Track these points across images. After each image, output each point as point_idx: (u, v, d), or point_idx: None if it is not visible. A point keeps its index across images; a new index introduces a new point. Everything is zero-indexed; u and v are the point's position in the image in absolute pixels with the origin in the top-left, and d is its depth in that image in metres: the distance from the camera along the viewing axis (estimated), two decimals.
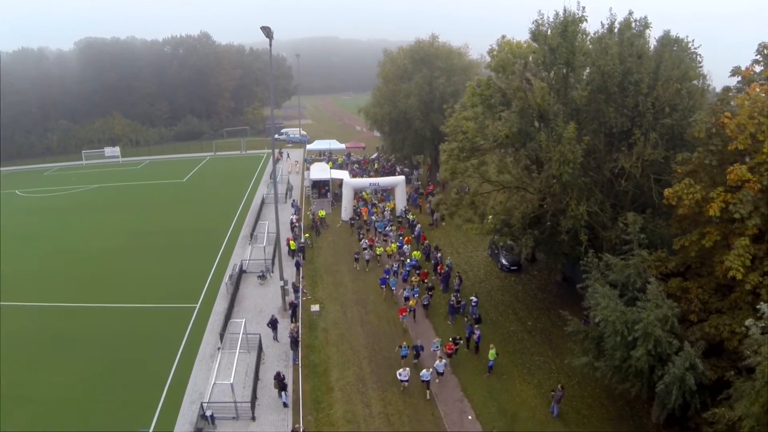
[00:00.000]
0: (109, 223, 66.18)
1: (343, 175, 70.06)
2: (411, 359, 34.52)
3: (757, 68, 27.05)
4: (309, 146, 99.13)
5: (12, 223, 67.91)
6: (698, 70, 33.06)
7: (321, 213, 61.92)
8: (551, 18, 33.45)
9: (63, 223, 67.59)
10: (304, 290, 45.12)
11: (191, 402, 31.16)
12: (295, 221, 60.28)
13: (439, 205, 46.28)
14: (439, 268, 46.61)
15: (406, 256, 49.36)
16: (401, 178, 65.99)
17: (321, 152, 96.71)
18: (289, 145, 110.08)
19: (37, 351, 37.59)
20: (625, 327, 23.94)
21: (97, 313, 42.90)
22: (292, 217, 61.46)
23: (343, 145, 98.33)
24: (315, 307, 42.05)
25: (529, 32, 34.69)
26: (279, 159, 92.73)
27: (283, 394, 30.80)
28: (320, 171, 72.93)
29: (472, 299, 40.21)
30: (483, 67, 54.39)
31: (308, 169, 79.02)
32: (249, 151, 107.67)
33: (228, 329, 36.98)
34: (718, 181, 24.46)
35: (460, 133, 38.96)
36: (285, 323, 38.46)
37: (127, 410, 31.05)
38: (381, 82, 78.24)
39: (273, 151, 43.23)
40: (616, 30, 32.97)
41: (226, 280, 45.83)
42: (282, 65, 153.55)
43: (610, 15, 32.90)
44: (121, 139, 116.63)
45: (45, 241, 60.56)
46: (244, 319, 36.64)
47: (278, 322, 37.77)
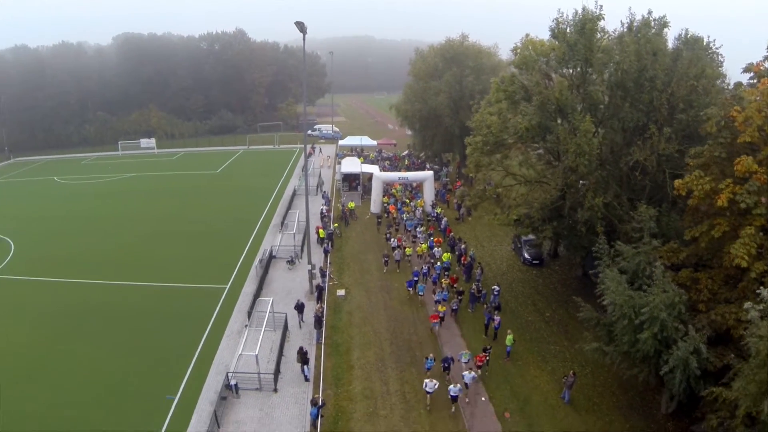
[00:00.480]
0: (145, 209, 69.33)
1: (373, 169, 71.69)
2: (436, 371, 32.63)
3: (766, 64, 27.80)
4: (341, 142, 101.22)
5: (49, 207, 72.21)
6: (718, 69, 33.86)
7: (351, 204, 63.71)
8: (570, 16, 34.64)
9: (100, 209, 70.73)
10: (331, 275, 46.83)
11: (217, 373, 32.97)
12: (325, 212, 62.09)
13: (464, 197, 47.55)
14: (462, 259, 47.82)
15: (437, 259, 47.87)
16: (429, 173, 67.33)
17: (353, 148, 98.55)
18: (322, 141, 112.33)
19: (78, 322, 40.04)
20: (633, 311, 24.98)
21: (132, 290, 45.29)
22: (322, 207, 63.31)
23: (374, 142, 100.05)
24: (341, 292, 43.69)
25: (549, 30, 35.92)
26: (311, 154, 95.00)
27: (305, 368, 32.50)
28: (351, 165, 74.84)
29: (494, 288, 41.47)
30: (508, 65, 55.48)
31: (339, 164, 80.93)
32: (282, 146, 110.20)
33: (256, 307, 38.79)
34: (727, 173, 25.25)
35: (485, 128, 40.24)
36: (311, 307, 39.99)
37: (157, 378, 33.13)
38: (412, 80, 79.83)
39: (305, 144, 45.19)
40: (635, 29, 33.92)
41: (256, 264, 47.82)
42: (316, 63, 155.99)
43: (630, 14, 33.91)
44: (157, 132, 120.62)
45: (83, 224, 63.85)
46: (272, 298, 38.54)
47: (304, 306, 39.24)
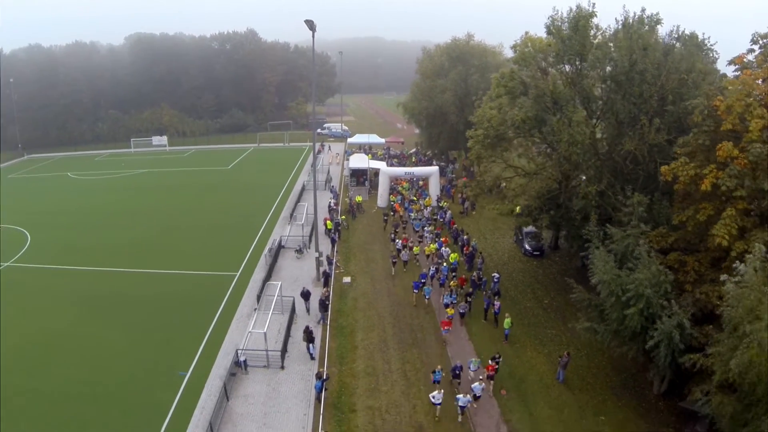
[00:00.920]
0: (158, 203, 71.41)
1: (380, 165, 73.29)
2: (446, 382, 31.48)
3: (750, 56, 29.12)
4: (350, 140, 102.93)
5: (64, 201, 74.66)
6: (711, 65, 35.23)
7: (358, 198, 65.41)
8: (565, 14, 36.24)
9: (113, 203, 72.69)
10: (338, 263, 48.49)
11: (227, 353, 34.61)
12: (332, 205, 63.71)
13: (465, 188, 49.07)
14: (465, 249, 49.31)
15: (444, 260, 46.93)
16: (435, 168, 68.96)
17: (361, 146, 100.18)
18: (331, 139, 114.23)
19: (95, 306, 41.97)
20: (620, 288, 26.41)
21: (146, 277, 47.25)
22: (330, 201, 64.92)
23: (382, 140, 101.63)
24: (346, 279, 45.35)
25: (545, 27, 37.51)
26: (321, 151, 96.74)
27: (311, 346, 34.15)
28: (359, 161, 76.57)
29: (494, 275, 43.00)
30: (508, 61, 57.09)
31: (348, 160, 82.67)
32: (292, 144, 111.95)
33: (265, 291, 40.46)
34: (711, 159, 26.62)
35: (486, 121, 41.78)
36: (317, 294, 41.17)
37: (169, 357, 34.85)
38: (419, 78, 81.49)
39: (314, 139, 46.82)
40: (628, 26, 35.38)
41: (265, 253, 49.51)
42: (326, 63, 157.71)
43: (624, 12, 35.41)
44: (168, 129, 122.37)
45: (97, 217, 65.90)
46: (280, 282, 40.15)
47: (310, 294, 40.57)
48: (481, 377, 30.92)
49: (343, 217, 60.24)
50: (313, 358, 34.12)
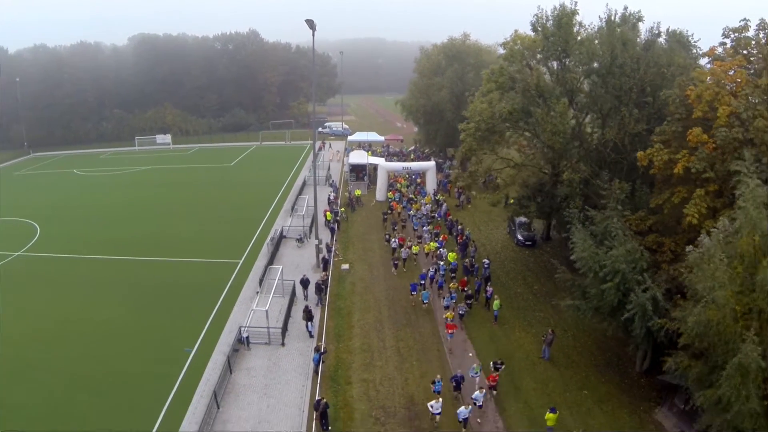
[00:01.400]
0: (163, 197, 73.66)
1: (379, 160, 75.23)
2: (446, 391, 30.14)
3: (720, 49, 31.02)
4: (350, 138, 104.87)
5: (70, 196, 76.96)
6: (694, 60, 37.09)
7: (357, 192, 67.39)
8: (549, 12, 38.34)
9: (119, 197, 74.89)
10: (336, 252, 50.41)
11: (230, 331, 36.50)
12: (332, 198, 65.61)
13: (458, 179, 50.97)
14: (459, 238, 51.22)
15: (443, 259, 46.32)
16: (432, 163, 71.14)
17: (361, 143, 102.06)
18: (332, 138, 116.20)
19: (103, 290, 43.96)
20: (597, 265, 28.28)
21: (153, 264, 49.37)
22: (330, 194, 66.82)
23: (382, 138, 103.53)
24: (345, 266, 47.30)
25: (530, 24, 39.59)
26: (322, 148, 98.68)
27: (309, 324, 36.08)
28: (358, 156, 78.51)
29: (485, 261, 44.75)
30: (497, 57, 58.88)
31: (348, 157, 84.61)
32: (293, 142, 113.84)
33: (267, 275, 42.32)
34: (684, 145, 28.52)
35: (477, 115, 43.70)
36: (316, 280, 42.88)
37: (175, 335, 36.78)
38: (417, 77, 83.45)
39: (314, 136, 48.75)
40: (611, 23, 37.39)
41: (267, 242, 51.41)
42: (327, 63, 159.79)
43: (607, 10, 37.40)
44: (172, 128, 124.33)
45: (103, 210, 68.02)
46: (282, 266, 42.06)
47: (309, 282, 42.17)
48: (481, 387, 29.58)
49: (343, 210, 62.18)
50: (311, 336, 36.00)
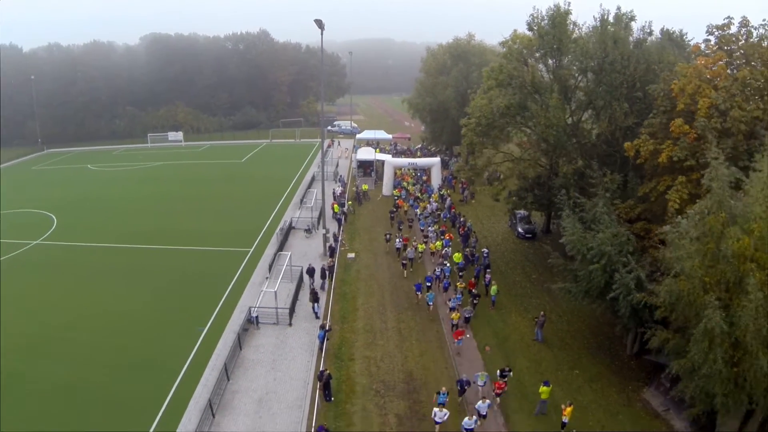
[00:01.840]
0: (176, 191, 75.86)
1: (386, 157, 77.25)
2: (450, 398, 28.74)
3: (703, 45, 32.82)
4: (358, 136, 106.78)
5: (85, 189, 79.35)
6: (685, 58, 38.83)
7: (364, 186, 69.67)
8: (544, 12, 40.38)
9: (133, 191, 77.38)
10: (343, 241, 52.45)
11: (240, 312, 38.47)
12: (340, 192, 67.68)
13: (460, 172, 52.89)
14: (461, 229, 53.18)
15: (448, 258, 46.29)
16: (437, 159, 73.06)
17: (369, 141, 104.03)
18: (341, 136, 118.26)
19: (120, 276, 46.19)
20: (585, 247, 30.07)
21: (167, 252, 51.61)
22: (338, 188, 69.00)
23: (389, 136, 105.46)
24: (351, 255, 49.31)
25: (526, 24, 41.50)
26: (330, 146, 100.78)
27: (315, 305, 38.11)
28: (366, 153, 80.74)
29: (484, 251, 46.70)
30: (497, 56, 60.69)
31: (356, 153, 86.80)
32: (303, 140, 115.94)
33: (276, 261, 44.34)
34: (668, 136, 30.28)
35: (477, 111, 45.61)
36: (322, 265, 45.13)
37: (188, 317, 38.84)
38: (423, 76, 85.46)
39: (322, 131, 50.86)
40: (605, 22, 39.24)
41: (277, 232, 53.51)
42: (336, 63, 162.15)
43: (601, 10, 39.26)
44: (183, 126, 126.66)
45: (117, 203, 70.54)
46: (290, 252, 44.08)
47: (314, 271, 44.05)
48: (484, 397, 28.04)
49: (350, 203, 64.23)
50: (317, 317, 37.96)
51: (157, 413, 28.51)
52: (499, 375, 30.24)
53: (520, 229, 53.98)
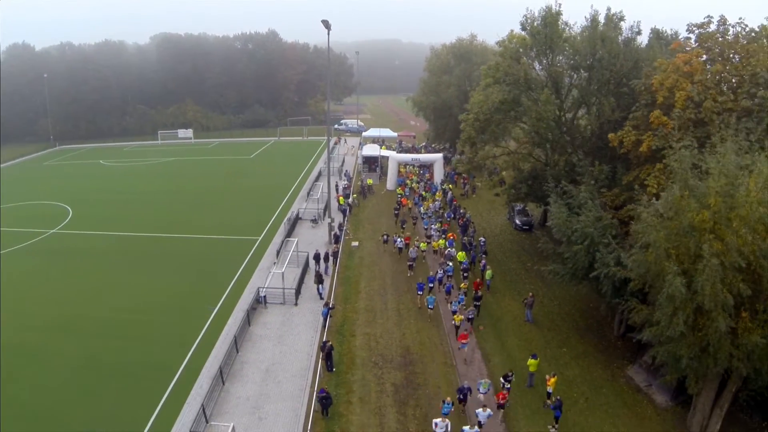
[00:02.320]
0: (187, 185, 78.55)
1: (390, 153, 79.66)
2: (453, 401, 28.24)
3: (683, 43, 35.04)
4: (364, 134, 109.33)
5: (98, 183, 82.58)
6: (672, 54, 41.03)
7: (369, 181, 72.13)
8: (536, 13, 42.74)
9: (145, 185, 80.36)
10: (347, 231, 54.79)
11: (249, 293, 40.90)
12: (345, 186, 70.07)
13: (458, 164, 55.19)
14: (460, 220, 55.53)
15: (452, 258, 45.64)
16: (439, 155, 75.28)
17: (374, 139, 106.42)
18: (347, 134, 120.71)
19: (134, 261, 48.95)
20: (570, 230, 32.22)
21: (179, 240, 54.26)
22: (343, 182, 71.32)
23: (395, 134, 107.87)
24: (355, 243, 51.68)
25: (520, 24, 43.84)
26: (337, 143, 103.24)
27: (320, 287, 40.54)
28: (371, 149, 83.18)
29: (481, 239, 48.91)
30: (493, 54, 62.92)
31: (361, 150, 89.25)
32: (310, 138, 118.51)
33: (283, 247, 46.68)
34: (649, 128, 32.42)
35: (476, 107, 47.85)
36: (326, 250, 47.50)
37: (200, 297, 41.32)
38: (427, 75, 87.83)
39: (328, 128, 53.24)
40: (595, 22, 41.43)
41: (284, 222, 55.90)
42: (343, 63, 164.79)
43: (592, 10, 41.43)
44: (193, 124, 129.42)
45: (130, 195, 73.37)
46: (297, 238, 46.43)
47: (320, 256, 46.04)
48: (485, 405, 27.09)
49: (355, 195, 66.74)
50: (322, 298, 40.31)
51: (172, 379, 31.07)
52: (503, 381, 29.44)
53: (518, 221, 56.15)
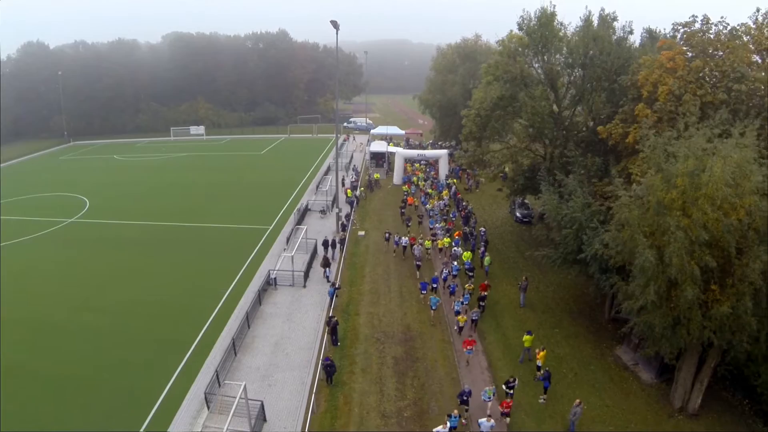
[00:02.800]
0: (200, 178, 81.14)
1: (397, 149, 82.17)
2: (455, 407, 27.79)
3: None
4: (372, 131, 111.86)
5: (114, 176, 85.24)
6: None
7: (376, 175, 74.71)
8: (532, 14, 45.18)
9: (160, 178, 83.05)
10: (354, 221, 57.32)
11: (260, 277, 43.39)
12: (353, 180, 72.55)
13: (460, 159, 57.52)
14: (462, 212, 57.83)
15: (457, 258, 45.47)
16: (444, 151, 77.65)
17: (383, 137, 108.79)
18: (356, 132, 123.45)
19: (150, 248, 51.74)
20: (560, 216, 34.49)
21: (193, 228, 57.02)
22: (351, 176, 73.81)
23: (402, 132, 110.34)
24: (361, 233, 54.21)
25: (517, 24, 46.09)
26: (346, 141, 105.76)
27: (327, 270, 43.05)
28: (378, 146, 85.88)
29: (482, 229, 51.20)
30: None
31: (369, 146, 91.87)
32: (320, 135, 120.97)
33: (293, 235, 49.18)
34: (636, 121, 34.62)
35: (477, 103, 50.15)
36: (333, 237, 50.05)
37: (214, 280, 43.87)
38: (433, 74, 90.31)
39: (336, 125, 55.95)
40: (589, 22, 43.67)
41: (294, 212, 58.40)
42: (353, 63, 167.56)
43: (586, 11, 43.66)
44: (204, 121, 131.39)
45: (146, 188, 76.33)
46: (306, 226, 48.94)
47: (328, 242, 48.41)
48: (490, 415, 26.52)
49: (362, 189, 69.23)
50: (329, 281, 42.77)
51: (188, 351, 33.73)
52: (506, 389, 28.72)
53: (518, 214, 58.46)
